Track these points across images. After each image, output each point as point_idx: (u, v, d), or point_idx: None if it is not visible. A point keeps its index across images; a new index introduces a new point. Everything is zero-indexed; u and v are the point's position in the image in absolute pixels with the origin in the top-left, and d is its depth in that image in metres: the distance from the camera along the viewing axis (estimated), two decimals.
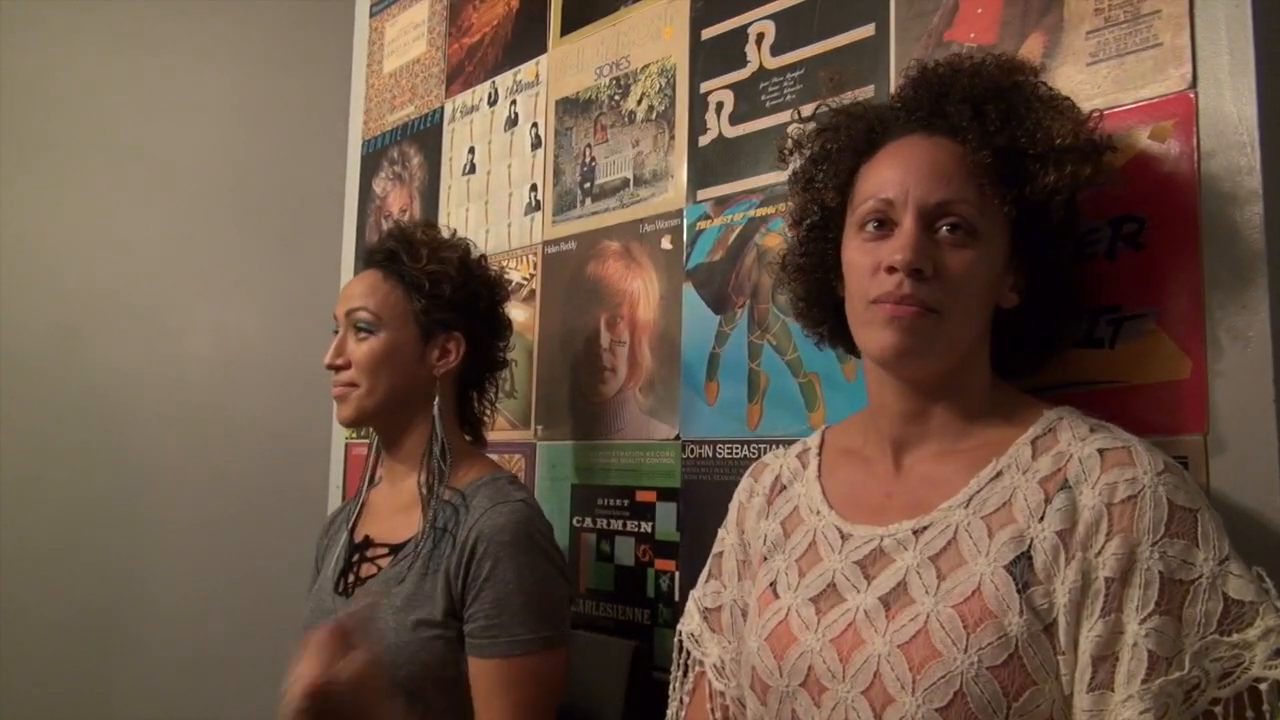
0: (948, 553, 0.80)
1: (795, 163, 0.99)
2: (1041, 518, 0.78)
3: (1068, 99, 0.90)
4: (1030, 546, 0.77)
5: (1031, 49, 1.03)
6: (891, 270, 0.83)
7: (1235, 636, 0.71)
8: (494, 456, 1.42)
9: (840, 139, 0.93)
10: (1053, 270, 0.89)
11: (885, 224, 0.85)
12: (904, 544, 0.83)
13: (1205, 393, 0.88)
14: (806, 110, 1.02)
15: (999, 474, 0.82)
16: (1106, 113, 0.96)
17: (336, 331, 1.31)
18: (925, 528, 0.83)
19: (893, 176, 0.86)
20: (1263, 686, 0.70)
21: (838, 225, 0.93)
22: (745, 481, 1.05)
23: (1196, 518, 0.74)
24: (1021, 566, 0.77)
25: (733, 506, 1.05)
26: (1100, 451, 0.78)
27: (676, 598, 1.33)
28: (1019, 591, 0.75)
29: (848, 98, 1.05)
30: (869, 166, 0.90)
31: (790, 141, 1.00)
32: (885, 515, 0.87)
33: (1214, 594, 0.71)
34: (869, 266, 0.85)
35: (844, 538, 0.88)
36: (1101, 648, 0.73)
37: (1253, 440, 0.85)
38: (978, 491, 0.82)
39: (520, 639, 1.14)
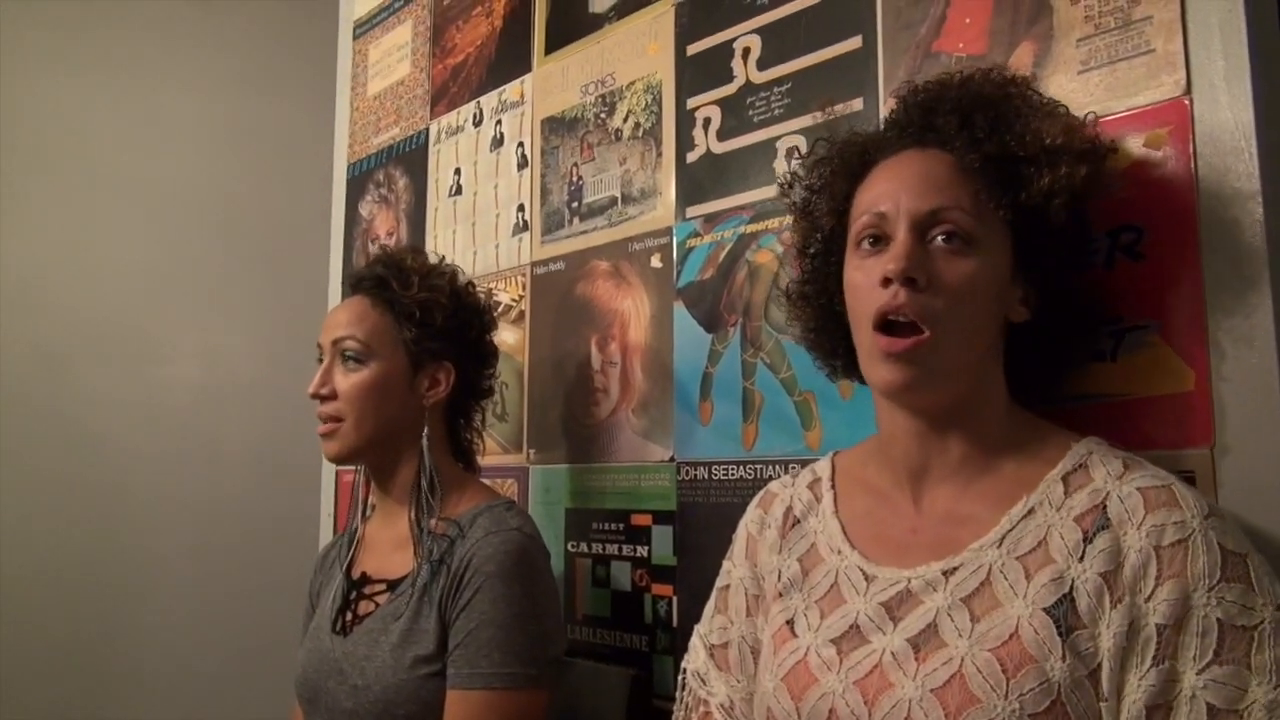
0: (981, 594, 0.77)
1: (796, 195, 0.99)
2: (1081, 557, 0.75)
3: (1061, 104, 0.89)
4: (1072, 588, 0.74)
5: (1021, 58, 1.02)
6: (887, 282, 0.80)
7: None
8: (486, 481, 1.39)
9: (835, 165, 0.93)
10: (1060, 281, 0.86)
11: (880, 239, 0.84)
12: (933, 585, 0.80)
13: (1210, 404, 0.86)
14: (805, 145, 1.04)
15: (1031, 511, 0.79)
16: (1100, 120, 0.94)
17: (321, 360, 1.28)
18: (956, 568, 0.80)
19: (885, 190, 0.85)
20: None
21: (839, 250, 0.91)
22: (753, 512, 1.00)
23: (1247, 562, 0.71)
24: (1063, 609, 0.73)
25: (739, 537, 1.01)
26: (1141, 490, 0.75)
27: (675, 623, 1.30)
28: (1061, 635, 0.72)
29: (838, 113, 1.04)
30: (863, 186, 0.88)
31: (790, 174, 1.00)
32: (911, 555, 0.84)
33: (1277, 640, 0.68)
34: (867, 283, 0.83)
35: (868, 579, 0.85)
36: (1155, 697, 0.70)
37: (1262, 451, 0.83)
38: (1010, 530, 0.79)
39: (482, 672, 1.11)
